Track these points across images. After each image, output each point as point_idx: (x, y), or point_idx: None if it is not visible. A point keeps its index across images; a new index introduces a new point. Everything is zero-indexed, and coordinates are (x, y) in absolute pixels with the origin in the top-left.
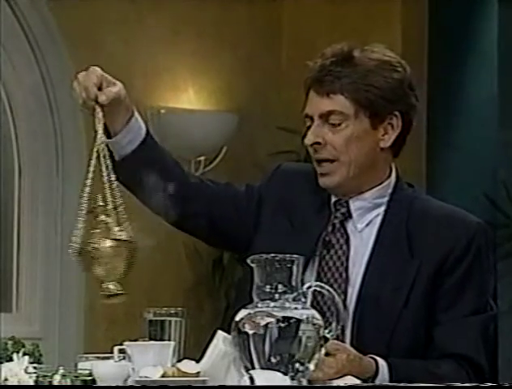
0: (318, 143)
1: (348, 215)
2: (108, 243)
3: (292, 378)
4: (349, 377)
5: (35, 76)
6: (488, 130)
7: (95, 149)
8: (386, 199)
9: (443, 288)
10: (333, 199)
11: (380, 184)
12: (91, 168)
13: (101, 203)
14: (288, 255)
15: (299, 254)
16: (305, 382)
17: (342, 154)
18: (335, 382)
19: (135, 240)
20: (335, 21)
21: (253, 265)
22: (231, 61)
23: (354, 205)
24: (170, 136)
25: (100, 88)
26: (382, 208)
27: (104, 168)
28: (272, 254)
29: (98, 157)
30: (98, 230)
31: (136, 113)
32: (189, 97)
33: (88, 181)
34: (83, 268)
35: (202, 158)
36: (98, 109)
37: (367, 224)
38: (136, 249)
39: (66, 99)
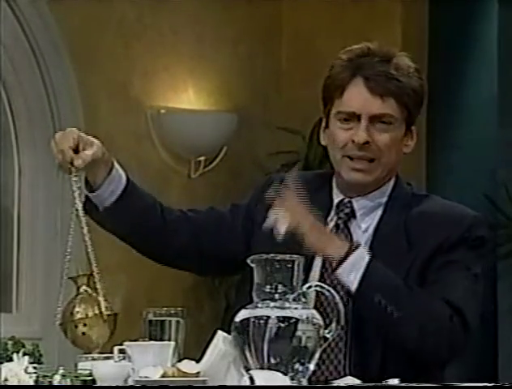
0: (367, 143)
1: (352, 216)
2: (92, 313)
3: (292, 378)
4: (350, 377)
5: (35, 76)
6: (488, 130)
7: (74, 211)
8: (385, 198)
9: (434, 266)
10: (336, 200)
11: (383, 185)
12: (72, 232)
13: (82, 273)
14: (288, 255)
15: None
16: (304, 382)
17: (383, 155)
18: (335, 383)
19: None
20: (335, 21)
21: (253, 265)
22: (231, 62)
23: (358, 204)
24: (170, 136)
25: (77, 150)
26: (382, 207)
27: (84, 229)
28: (272, 254)
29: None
30: (80, 298)
31: (116, 164)
32: (189, 97)
33: (69, 245)
34: (68, 336)
35: (202, 158)
36: (73, 172)
37: (370, 224)
38: (117, 318)
39: (66, 99)
